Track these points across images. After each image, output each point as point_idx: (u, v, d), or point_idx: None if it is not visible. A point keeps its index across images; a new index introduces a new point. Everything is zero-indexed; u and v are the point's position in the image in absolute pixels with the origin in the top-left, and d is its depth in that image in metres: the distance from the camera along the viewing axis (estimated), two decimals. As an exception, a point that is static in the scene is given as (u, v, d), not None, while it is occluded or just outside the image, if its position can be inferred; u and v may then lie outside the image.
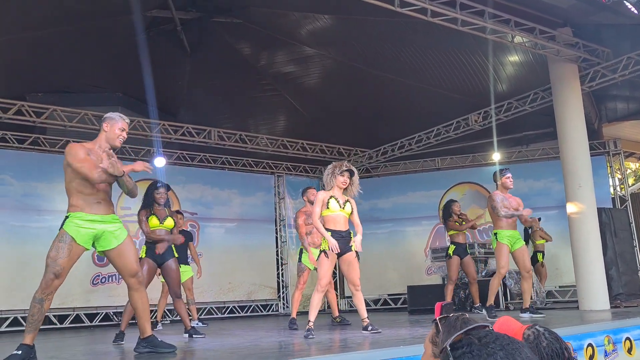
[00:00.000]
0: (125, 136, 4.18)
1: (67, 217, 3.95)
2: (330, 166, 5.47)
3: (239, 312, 11.12)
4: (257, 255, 11.41)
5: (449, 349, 1.22)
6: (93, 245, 3.99)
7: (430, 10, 6.47)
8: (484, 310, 6.67)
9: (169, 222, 5.87)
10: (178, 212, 7.94)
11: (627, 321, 5.36)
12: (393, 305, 11.69)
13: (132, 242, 4.16)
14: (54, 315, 9.36)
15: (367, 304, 11.16)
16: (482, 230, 11.26)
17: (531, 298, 8.93)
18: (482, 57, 9.33)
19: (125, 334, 5.68)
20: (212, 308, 10.72)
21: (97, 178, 3.86)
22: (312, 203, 6.66)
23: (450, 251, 7.86)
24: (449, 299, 7.80)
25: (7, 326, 8.93)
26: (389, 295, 11.67)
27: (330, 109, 11.45)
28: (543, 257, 9.88)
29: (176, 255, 5.86)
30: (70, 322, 9.44)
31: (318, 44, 9.99)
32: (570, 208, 7.46)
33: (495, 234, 6.55)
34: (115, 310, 9.87)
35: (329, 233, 5.18)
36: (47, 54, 9.45)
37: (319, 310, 5.46)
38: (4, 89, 9.14)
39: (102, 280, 9.73)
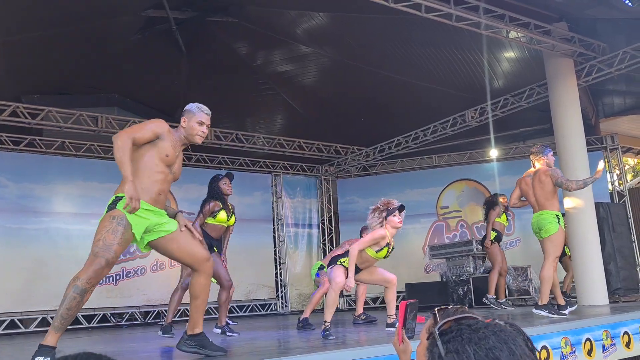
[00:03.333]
0: (206, 131, 3.74)
1: (120, 197, 3.34)
2: (378, 206, 5.18)
3: (238, 312, 11.10)
4: (255, 255, 11.38)
5: (437, 333, 1.20)
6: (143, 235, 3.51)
7: (424, 6, 6.45)
8: (543, 310, 5.76)
9: (232, 220, 5.96)
10: (180, 212, 7.91)
11: (625, 315, 5.35)
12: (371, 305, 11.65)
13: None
14: (52, 318, 9.30)
15: (366, 303, 11.17)
16: (480, 227, 11.23)
17: (529, 294, 8.98)
18: (477, 53, 9.31)
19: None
20: (210, 308, 10.68)
21: (118, 140, 3.35)
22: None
23: (492, 237, 7.76)
24: (492, 287, 7.70)
25: (4, 329, 8.89)
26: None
27: (326, 108, 11.43)
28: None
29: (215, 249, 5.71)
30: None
31: (314, 43, 9.97)
32: (568, 203, 7.44)
33: (557, 216, 5.74)
34: (113, 312, 9.85)
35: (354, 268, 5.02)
36: (42, 55, 9.42)
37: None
38: (-1, 90, 9.12)
39: (100, 282, 9.69)
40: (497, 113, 9.90)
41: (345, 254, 5.15)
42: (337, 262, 5.12)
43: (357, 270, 5.15)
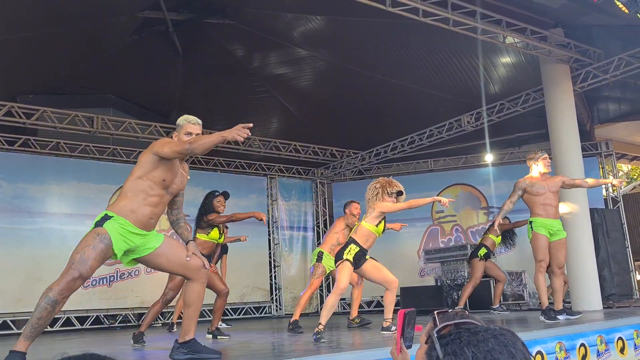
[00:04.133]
0: None
1: (110, 216, 3.40)
2: (377, 183, 5.30)
3: (232, 315, 11.06)
4: (250, 258, 11.34)
5: (435, 335, 1.19)
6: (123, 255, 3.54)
7: (421, 10, 6.47)
8: (543, 315, 5.76)
9: (222, 239, 6.07)
10: (192, 240, 7.92)
11: (620, 321, 5.36)
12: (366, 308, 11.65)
13: (175, 240, 3.73)
14: (45, 319, 9.25)
15: (360, 306, 11.17)
16: (474, 232, 11.25)
17: (523, 299, 9.00)
18: (474, 58, 9.34)
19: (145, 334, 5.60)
20: (204, 310, 10.65)
21: (193, 148, 3.35)
22: (354, 216, 6.75)
23: (481, 253, 7.80)
24: (464, 298, 7.81)
25: (-5, 329, 8.84)
26: (381, 297, 11.60)
27: (322, 111, 11.43)
28: None
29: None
30: (61, 326, 9.35)
31: (310, 46, 9.97)
32: (563, 208, 7.45)
33: (531, 222, 5.91)
34: (106, 314, 9.80)
35: (357, 249, 5.17)
36: (38, 55, 9.39)
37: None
38: (-6, 90, 9.08)
39: (93, 283, 9.65)
40: (493, 118, 9.93)
41: (347, 244, 5.24)
42: (343, 257, 5.14)
43: (363, 256, 5.20)
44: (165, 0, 8.87)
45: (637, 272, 12.60)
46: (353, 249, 5.17)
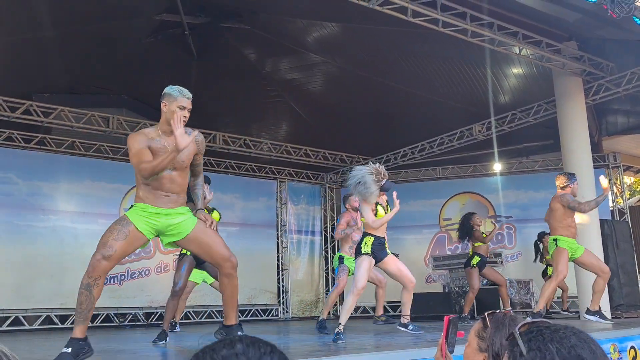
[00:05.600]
0: (188, 116, 3.63)
1: (131, 206, 3.70)
2: (364, 174, 5.21)
3: (239, 317, 11.09)
4: (258, 260, 11.43)
5: (517, 332, 1.25)
6: (158, 236, 3.74)
7: (441, 21, 6.60)
8: (529, 318, 6.20)
9: (215, 216, 5.91)
10: (200, 209, 7.96)
11: (632, 330, 5.45)
12: (392, 312, 11.71)
13: (209, 229, 3.77)
14: (56, 315, 9.35)
15: (366, 311, 11.28)
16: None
17: (531, 307, 9.08)
18: (486, 68, 9.45)
19: (168, 334, 5.60)
20: (212, 311, 10.73)
21: (146, 173, 3.50)
22: (355, 210, 6.77)
23: (474, 262, 7.91)
24: (468, 307, 7.86)
25: (8, 325, 8.91)
26: (387, 302, 11.67)
27: (334, 117, 11.54)
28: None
29: None
30: (71, 323, 9.40)
31: (324, 52, 10.09)
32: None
33: (555, 239, 6.21)
34: (116, 312, 9.88)
35: (372, 239, 5.21)
36: (54, 54, 9.50)
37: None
38: (11, 88, 9.17)
39: (104, 282, 9.72)
40: (505, 128, 10.05)
41: (362, 238, 5.30)
42: (362, 252, 5.20)
43: (382, 246, 5.25)
44: (182, 4, 9.01)
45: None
46: (369, 240, 5.21)
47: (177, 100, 3.60)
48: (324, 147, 11.87)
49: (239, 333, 3.81)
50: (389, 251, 5.37)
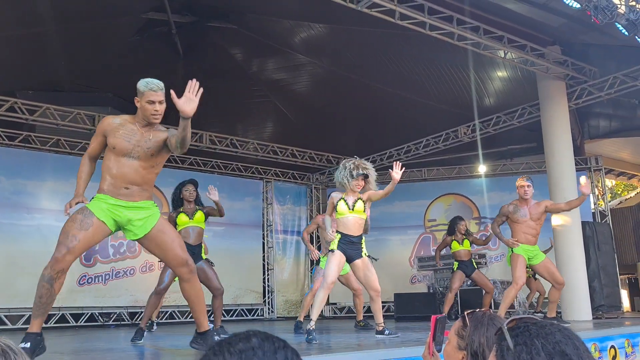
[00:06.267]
0: (159, 109, 3.53)
1: (93, 197, 3.59)
2: (346, 165, 5.25)
3: (225, 316, 11.08)
4: (244, 260, 11.44)
5: (505, 327, 1.30)
6: (121, 229, 3.64)
7: (428, 24, 6.67)
8: None
9: (199, 216, 5.78)
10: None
11: (612, 330, 5.56)
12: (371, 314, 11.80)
13: (171, 228, 3.71)
14: (39, 315, 9.25)
15: (351, 311, 11.32)
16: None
17: (513, 307, 9.21)
18: (471, 71, 9.56)
19: (145, 332, 5.59)
20: (174, 312, 10.72)
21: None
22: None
23: (454, 267, 7.99)
24: (447, 307, 7.93)
25: (-10, 324, 8.82)
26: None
27: (320, 117, 11.58)
28: (533, 275, 9.80)
29: (204, 256, 5.76)
30: (55, 322, 9.36)
31: (310, 53, 10.12)
32: (556, 221, 7.67)
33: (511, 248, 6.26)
34: (100, 311, 9.82)
35: (339, 236, 5.17)
36: (39, 51, 9.43)
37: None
38: (-6, 85, 9.10)
39: (89, 281, 9.69)
40: (489, 130, 10.16)
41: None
42: (330, 249, 5.23)
43: (353, 245, 5.20)
44: (169, 3, 8.99)
45: (623, 285, 12.92)
46: (336, 237, 5.18)
47: (145, 95, 3.52)
48: (310, 147, 11.90)
49: (216, 338, 3.81)
50: (364, 253, 5.25)
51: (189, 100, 3.25)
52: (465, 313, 1.76)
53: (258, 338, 0.95)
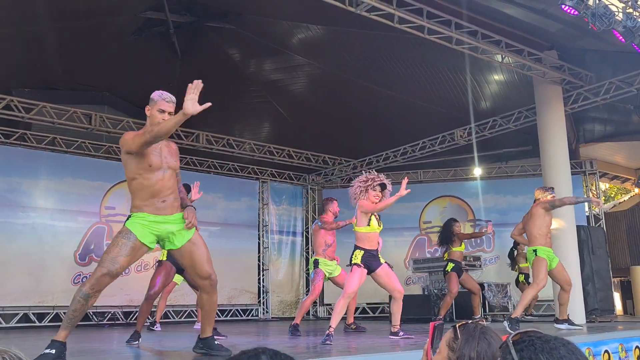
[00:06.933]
0: (167, 119, 3.63)
1: (129, 216, 3.71)
2: (360, 179, 5.39)
3: (219, 316, 11.11)
4: (239, 260, 11.44)
5: (510, 342, 1.31)
6: (158, 243, 3.79)
7: (427, 28, 6.69)
8: (506, 322, 6.30)
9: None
10: (191, 205, 7.88)
11: (606, 335, 5.60)
12: (371, 314, 11.84)
13: (203, 242, 3.84)
14: (33, 313, 9.25)
15: (365, 312, 11.36)
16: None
17: (508, 310, 9.25)
18: (468, 74, 9.59)
19: (142, 335, 5.59)
20: (192, 311, 10.71)
21: (161, 132, 3.44)
22: (335, 215, 6.81)
23: (448, 268, 8.03)
24: (444, 310, 7.97)
25: (-16, 323, 8.79)
26: (367, 304, 11.81)
27: (316, 118, 11.59)
28: (525, 279, 9.82)
29: None
30: (50, 321, 9.33)
31: (308, 54, 10.13)
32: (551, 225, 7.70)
33: (535, 250, 6.36)
34: (95, 311, 9.80)
35: (362, 252, 5.26)
36: (36, 49, 9.40)
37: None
38: (-10, 82, 9.07)
39: (83, 280, 9.64)
40: (485, 134, 10.20)
41: (353, 250, 5.36)
42: (352, 262, 5.28)
43: (374, 258, 5.32)
44: (168, 2, 8.98)
45: (616, 288, 13.00)
46: (358, 254, 5.30)
47: (157, 103, 3.71)
48: (307, 148, 11.92)
49: (216, 343, 4.01)
50: (382, 261, 5.43)
51: (194, 103, 3.37)
52: (457, 325, 1.71)
53: (267, 355, 0.96)
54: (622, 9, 5.79)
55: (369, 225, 5.35)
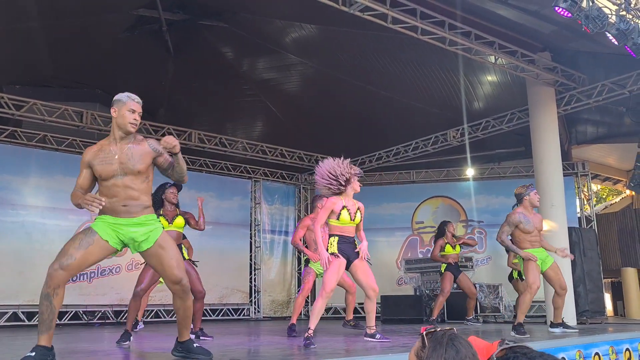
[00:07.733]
0: (138, 119, 3.67)
1: (95, 218, 3.66)
2: (340, 165, 5.13)
3: (210, 315, 11.09)
4: (231, 259, 11.41)
5: (494, 359, 1.30)
6: (127, 246, 3.71)
7: (420, 29, 6.68)
8: (512, 331, 6.13)
9: (179, 221, 5.76)
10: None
11: (596, 337, 5.62)
12: (362, 314, 11.79)
13: (173, 245, 3.75)
14: (22, 312, 9.18)
15: (337, 312, 11.34)
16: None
17: (499, 312, 9.27)
18: (461, 74, 9.59)
19: (132, 334, 5.54)
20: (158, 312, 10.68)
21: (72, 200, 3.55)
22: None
23: (442, 269, 8.03)
24: (437, 310, 7.96)
25: (-28, 322, 8.72)
26: (358, 304, 11.75)
27: (309, 118, 11.57)
28: (519, 275, 9.81)
29: (187, 257, 5.74)
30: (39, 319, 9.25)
31: (301, 53, 10.11)
32: (543, 226, 7.71)
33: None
34: (85, 309, 9.75)
35: (337, 238, 5.04)
36: (27, 46, 9.32)
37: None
38: (-20, 79, 8.99)
39: (74, 278, 9.53)
40: (478, 135, 10.21)
41: (328, 241, 5.13)
42: (328, 250, 5.01)
43: (352, 246, 5.11)
44: (161, 0, 8.92)
45: (606, 289, 13.06)
46: (333, 241, 5.04)
47: (127, 104, 3.65)
48: (300, 147, 11.89)
49: (196, 345, 3.94)
50: (357, 249, 5.15)
51: (173, 139, 3.51)
52: (424, 333, 1.65)
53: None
54: (616, 12, 5.80)
55: (338, 219, 5.06)
